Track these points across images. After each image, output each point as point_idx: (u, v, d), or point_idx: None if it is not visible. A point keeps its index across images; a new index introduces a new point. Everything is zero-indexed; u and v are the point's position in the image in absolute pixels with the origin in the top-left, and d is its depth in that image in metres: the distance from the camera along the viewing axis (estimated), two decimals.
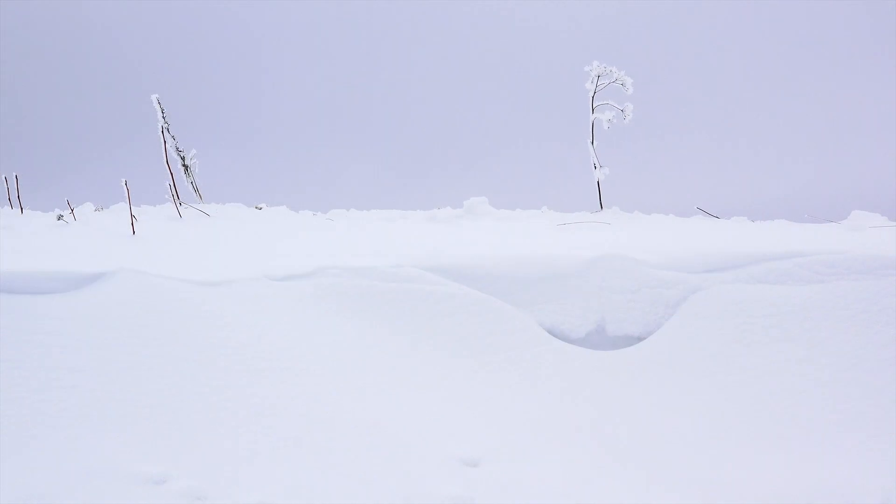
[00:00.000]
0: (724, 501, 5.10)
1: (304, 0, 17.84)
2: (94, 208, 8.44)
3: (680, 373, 5.98)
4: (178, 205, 8.36)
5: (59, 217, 7.63)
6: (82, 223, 7.60)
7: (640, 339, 6.29)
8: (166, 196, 8.47)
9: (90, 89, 17.23)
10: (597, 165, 9.08)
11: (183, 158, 8.90)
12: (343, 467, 5.00)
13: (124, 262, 6.10)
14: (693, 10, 17.38)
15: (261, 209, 8.58)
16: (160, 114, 8.76)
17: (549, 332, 6.25)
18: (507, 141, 16.93)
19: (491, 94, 17.67)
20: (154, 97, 8.77)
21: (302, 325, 5.88)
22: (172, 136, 8.83)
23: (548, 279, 6.47)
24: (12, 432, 4.90)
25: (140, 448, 4.92)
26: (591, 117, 9.08)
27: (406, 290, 6.21)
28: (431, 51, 18.02)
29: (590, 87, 9.08)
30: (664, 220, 8.51)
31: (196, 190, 8.95)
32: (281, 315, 5.91)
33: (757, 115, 17.07)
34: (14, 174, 8.41)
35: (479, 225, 8.11)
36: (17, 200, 8.38)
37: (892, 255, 6.54)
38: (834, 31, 17.25)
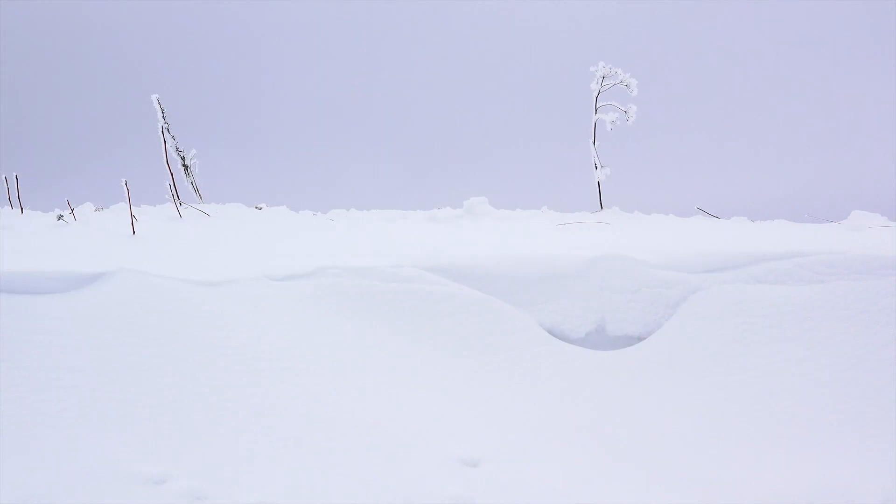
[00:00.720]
0: (724, 501, 5.10)
1: (304, 0, 17.84)
2: (94, 208, 8.44)
3: (680, 373, 5.98)
4: (178, 205, 8.36)
5: (59, 217, 7.62)
6: (82, 223, 7.59)
7: (640, 339, 6.29)
8: (166, 196, 8.48)
9: (90, 89, 17.23)
10: (598, 166, 9.07)
11: (183, 158, 8.90)
12: (343, 467, 5.00)
13: (124, 262, 6.10)
14: (693, 10, 17.37)
15: (261, 209, 8.58)
16: (160, 114, 8.75)
17: (549, 332, 6.25)
18: (507, 141, 16.93)
19: (491, 94, 17.67)
20: (154, 97, 8.77)
21: (302, 325, 5.88)
22: (172, 136, 8.83)
23: (548, 279, 6.47)
24: (12, 432, 4.90)
25: (140, 448, 4.92)
26: (594, 118, 9.07)
27: (406, 290, 6.21)
28: (431, 51, 18.02)
29: (594, 87, 9.07)
30: (664, 220, 8.51)
31: (196, 190, 8.95)
32: (281, 315, 5.91)
33: (757, 115, 17.07)
34: (14, 174, 8.41)
35: (479, 225, 8.10)
36: (17, 200, 8.38)
37: (892, 255, 6.54)
38: (834, 31, 17.25)
